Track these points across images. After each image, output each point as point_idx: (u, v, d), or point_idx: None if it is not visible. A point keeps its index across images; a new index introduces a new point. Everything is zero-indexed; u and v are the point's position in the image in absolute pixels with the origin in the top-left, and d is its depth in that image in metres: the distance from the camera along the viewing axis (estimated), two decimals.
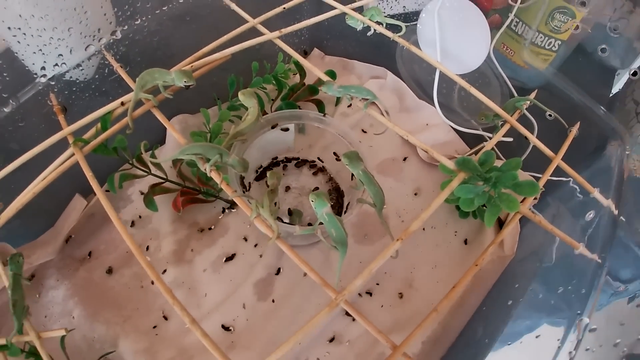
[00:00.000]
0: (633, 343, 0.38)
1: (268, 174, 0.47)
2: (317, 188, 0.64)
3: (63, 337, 0.49)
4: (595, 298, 0.46)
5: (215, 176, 0.47)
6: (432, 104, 0.66)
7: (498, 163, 0.46)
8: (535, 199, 0.64)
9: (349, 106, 0.73)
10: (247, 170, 0.49)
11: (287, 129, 0.63)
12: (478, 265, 0.47)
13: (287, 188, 0.66)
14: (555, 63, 0.67)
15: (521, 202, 0.48)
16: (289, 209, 0.63)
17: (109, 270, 0.59)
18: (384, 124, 0.52)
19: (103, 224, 0.62)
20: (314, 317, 0.41)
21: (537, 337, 0.47)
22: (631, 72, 0.59)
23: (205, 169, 0.46)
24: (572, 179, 0.54)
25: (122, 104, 0.52)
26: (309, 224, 0.61)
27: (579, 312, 0.45)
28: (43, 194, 0.48)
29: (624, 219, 0.52)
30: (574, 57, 0.65)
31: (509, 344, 0.48)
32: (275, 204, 0.45)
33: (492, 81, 0.73)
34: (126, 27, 0.58)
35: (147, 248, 0.61)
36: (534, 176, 0.66)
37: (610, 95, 0.62)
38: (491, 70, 0.72)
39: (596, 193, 0.53)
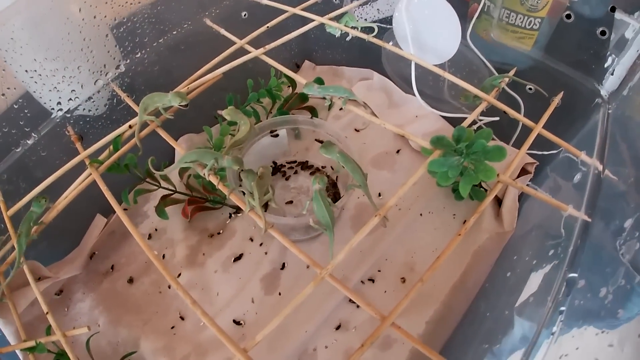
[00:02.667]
0: None
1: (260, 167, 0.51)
2: None
3: (88, 340, 0.54)
4: (580, 251, 0.46)
5: (213, 179, 0.51)
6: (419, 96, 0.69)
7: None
8: (529, 172, 0.65)
9: (340, 109, 0.77)
10: (243, 167, 0.53)
11: (277, 135, 0.68)
12: (461, 234, 0.49)
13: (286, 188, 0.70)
14: (541, 41, 0.68)
15: (503, 172, 0.50)
16: (287, 202, 0.67)
17: (130, 280, 0.64)
18: (373, 120, 0.55)
19: (123, 239, 0.68)
20: (301, 293, 0.43)
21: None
22: (599, 31, 0.60)
23: (204, 174, 0.51)
24: (563, 149, 0.55)
25: (130, 126, 0.59)
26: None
27: (566, 268, 0.45)
28: (67, 217, 0.54)
29: (611, 175, 0.52)
30: (560, 32, 0.67)
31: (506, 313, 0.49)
32: (268, 190, 0.49)
33: (480, 68, 0.75)
34: (128, 60, 0.66)
35: (164, 256, 0.66)
36: (530, 154, 0.67)
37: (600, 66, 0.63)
38: (478, 58, 0.74)
39: (583, 155, 0.54)
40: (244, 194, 0.49)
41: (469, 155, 0.48)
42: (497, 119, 0.65)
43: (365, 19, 0.68)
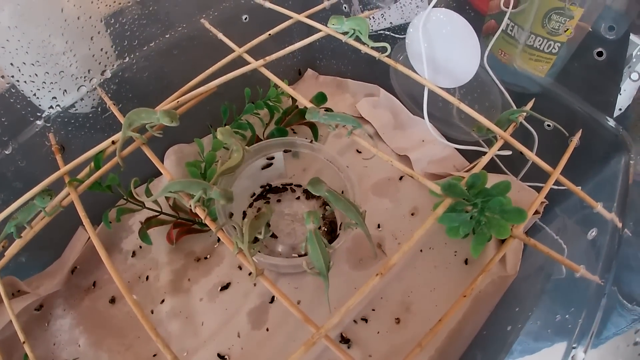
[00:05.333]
0: None
1: (262, 207, 0.47)
2: None
3: None
4: (594, 327, 0.43)
5: (199, 212, 0.47)
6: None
7: (496, 178, 0.44)
8: (537, 213, 0.61)
9: (343, 126, 0.72)
10: (232, 201, 0.49)
11: (272, 158, 0.63)
12: (466, 296, 0.45)
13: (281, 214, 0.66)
14: (557, 66, 0.64)
15: (516, 226, 0.46)
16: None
17: (112, 300, 0.61)
18: (380, 156, 0.51)
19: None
20: (293, 354, 0.40)
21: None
22: (630, 76, 0.55)
23: (190, 205, 0.47)
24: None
25: (113, 142, 0.54)
26: (301, 255, 0.61)
27: (574, 345, 0.42)
28: (48, 228, 0.50)
29: (629, 232, 0.49)
30: (576, 60, 0.62)
31: None
32: (261, 232, 0.46)
33: (492, 89, 0.70)
34: (115, 66, 0.60)
35: (147, 278, 0.63)
36: (537, 187, 0.64)
37: (616, 103, 0.58)
38: (491, 79, 0.69)
39: (600, 207, 0.50)
40: (234, 227, 0.46)
41: (484, 211, 0.45)
42: (509, 153, 0.61)
43: (374, 31, 0.62)
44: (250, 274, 0.61)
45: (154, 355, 0.57)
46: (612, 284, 0.46)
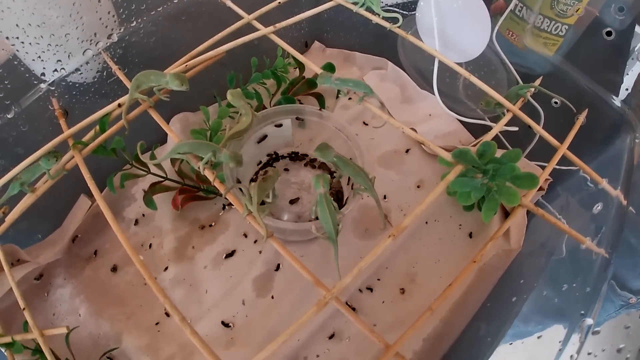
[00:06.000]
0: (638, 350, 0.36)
1: (268, 169, 0.47)
2: None
3: (67, 335, 0.50)
4: (600, 297, 0.44)
5: (208, 174, 0.47)
6: (435, 93, 0.64)
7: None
8: (542, 189, 0.62)
9: (349, 99, 0.72)
10: (242, 165, 0.49)
11: (280, 125, 0.63)
12: (476, 261, 0.45)
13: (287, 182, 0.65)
14: (564, 48, 0.64)
15: (525, 195, 0.47)
16: (290, 200, 0.63)
17: (114, 269, 0.61)
18: (391, 122, 0.50)
19: (108, 223, 0.63)
20: (304, 315, 0.40)
21: (538, 337, 0.45)
22: (605, 32, 0.56)
23: (198, 167, 0.46)
24: (579, 168, 0.52)
25: (119, 105, 0.53)
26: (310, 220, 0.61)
27: (582, 312, 0.43)
28: (49, 195, 0.49)
29: (633, 210, 0.49)
30: (583, 42, 0.62)
31: (510, 344, 0.47)
32: (269, 195, 0.45)
33: (498, 68, 0.70)
34: (122, 29, 0.59)
35: (150, 246, 0.62)
36: (541, 165, 0.64)
37: (622, 82, 0.59)
38: (497, 57, 0.69)
39: (605, 184, 0.51)
40: (241, 190, 0.45)
41: (495, 177, 0.45)
42: (516, 129, 0.61)
43: (386, 5, 0.61)
44: (255, 241, 0.61)
45: (157, 324, 0.57)
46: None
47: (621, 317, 0.42)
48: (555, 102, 0.60)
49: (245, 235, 0.62)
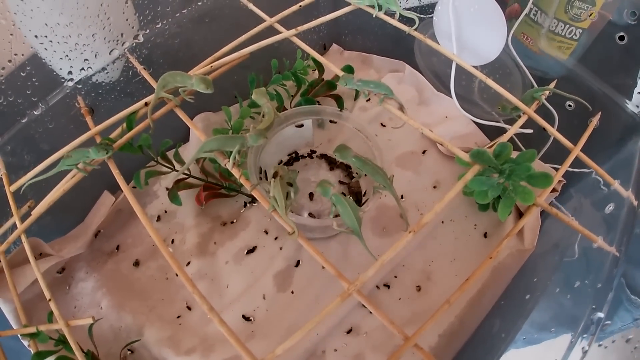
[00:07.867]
0: None
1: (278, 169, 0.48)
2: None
3: (91, 326, 0.51)
4: (610, 292, 0.45)
5: (235, 172, 0.48)
6: (451, 96, 0.66)
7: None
8: (555, 191, 0.63)
9: (367, 100, 0.74)
10: (267, 140, 0.49)
11: (301, 125, 0.64)
12: (492, 257, 0.47)
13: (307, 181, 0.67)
14: (577, 52, 0.65)
15: (539, 195, 0.48)
16: (311, 193, 0.65)
17: (136, 263, 0.62)
18: (410, 123, 0.52)
19: (130, 218, 0.65)
20: (327, 307, 0.42)
21: (551, 331, 0.46)
22: (618, 36, 0.57)
23: (225, 165, 0.48)
24: (594, 171, 0.53)
25: (146, 104, 0.54)
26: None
27: (593, 306, 0.44)
28: (73, 192, 0.51)
29: None
30: (597, 46, 0.64)
31: (524, 339, 0.48)
32: (288, 195, 0.46)
33: (513, 72, 0.72)
34: (148, 30, 0.61)
35: (172, 241, 0.63)
36: (555, 168, 0.65)
37: (635, 86, 0.60)
38: (512, 61, 0.70)
39: (617, 185, 0.52)
40: (261, 179, 0.46)
41: (511, 176, 0.46)
42: (530, 131, 0.63)
43: (403, 8, 0.63)
44: (276, 238, 0.63)
45: (178, 317, 0.58)
46: (625, 261, 0.48)
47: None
48: (570, 105, 0.61)
49: (266, 232, 0.63)
